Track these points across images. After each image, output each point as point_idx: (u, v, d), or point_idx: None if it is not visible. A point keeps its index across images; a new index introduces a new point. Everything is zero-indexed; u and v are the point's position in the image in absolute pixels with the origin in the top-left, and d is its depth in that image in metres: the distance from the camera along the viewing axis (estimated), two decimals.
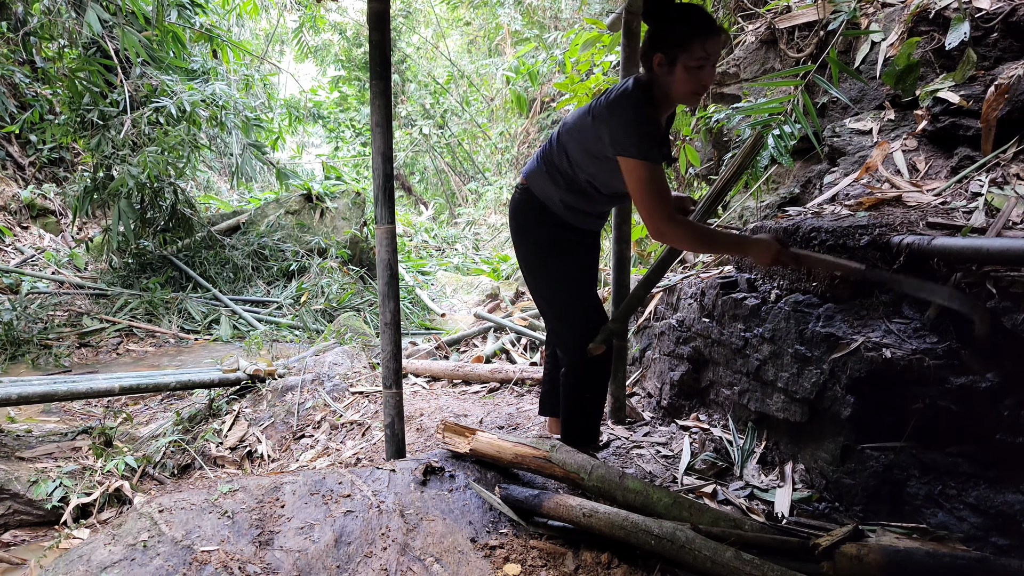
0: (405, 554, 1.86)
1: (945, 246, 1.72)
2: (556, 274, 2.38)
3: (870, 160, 2.64)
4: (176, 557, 1.72)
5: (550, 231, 2.35)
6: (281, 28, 13.95)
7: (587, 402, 2.50)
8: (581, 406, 2.51)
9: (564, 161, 2.24)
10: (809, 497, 2.08)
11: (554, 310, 2.45)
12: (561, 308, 2.42)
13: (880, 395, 1.83)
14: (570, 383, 2.48)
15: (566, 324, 2.43)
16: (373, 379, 3.88)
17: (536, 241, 2.39)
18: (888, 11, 3.01)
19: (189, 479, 3.32)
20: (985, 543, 1.64)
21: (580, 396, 2.49)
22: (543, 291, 2.44)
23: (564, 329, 2.45)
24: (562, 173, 2.26)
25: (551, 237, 2.35)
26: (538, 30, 10.75)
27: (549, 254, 2.38)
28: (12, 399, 3.35)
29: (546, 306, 2.47)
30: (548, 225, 2.34)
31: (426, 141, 14.47)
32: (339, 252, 8.06)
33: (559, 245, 2.36)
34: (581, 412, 2.52)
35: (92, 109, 6.48)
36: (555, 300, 2.42)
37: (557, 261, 2.37)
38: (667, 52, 1.95)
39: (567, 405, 2.52)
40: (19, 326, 5.54)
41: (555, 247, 2.36)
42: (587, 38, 4.02)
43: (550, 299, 2.44)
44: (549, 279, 2.40)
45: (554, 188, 2.28)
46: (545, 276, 2.41)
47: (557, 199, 2.29)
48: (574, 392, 2.48)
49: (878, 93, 2.98)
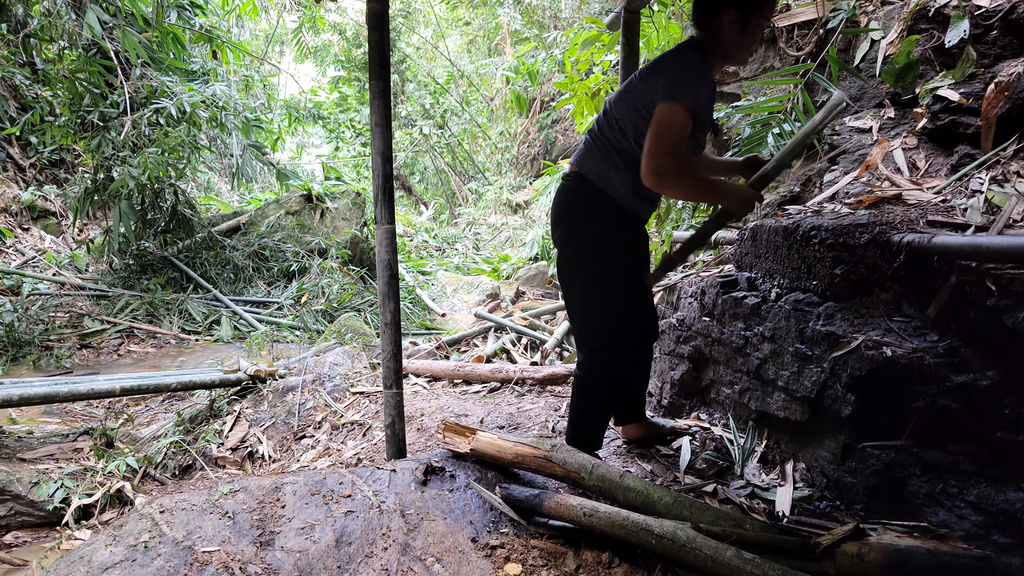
0: (406, 554, 1.86)
1: (945, 244, 1.72)
2: (599, 274, 2.28)
3: (870, 158, 2.64)
4: (177, 558, 1.72)
5: (603, 225, 2.24)
6: (281, 29, 13.95)
7: (592, 405, 2.42)
8: (586, 408, 2.43)
9: (619, 135, 2.17)
10: (810, 496, 2.08)
11: (587, 308, 2.34)
12: (594, 308, 2.32)
13: (881, 393, 1.83)
14: (580, 383, 2.41)
15: (593, 325, 2.34)
16: (374, 379, 3.88)
17: (585, 235, 2.27)
18: (887, 9, 3.01)
19: (190, 480, 3.32)
20: (986, 541, 1.64)
21: (587, 397, 2.41)
22: (578, 289, 2.34)
23: (590, 329, 2.35)
24: (619, 150, 2.18)
25: (603, 233, 2.25)
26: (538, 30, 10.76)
27: (596, 252, 2.27)
28: (13, 400, 3.36)
29: (579, 303, 2.37)
30: (602, 218, 2.23)
31: (426, 141, 14.47)
32: (339, 252, 8.06)
33: (610, 242, 2.25)
34: (583, 414, 2.44)
35: (92, 110, 6.48)
36: (590, 300, 2.32)
37: (602, 261, 2.27)
38: (742, 10, 1.98)
39: (573, 404, 2.47)
40: (20, 327, 5.54)
41: (605, 245, 2.25)
42: (586, 37, 4.01)
43: (585, 298, 2.33)
44: (591, 280, 2.30)
45: (613, 169, 2.19)
46: (587, 276, 2.30)
47: (617, 181, 2.19)
48: (579, 392, 2.43)
49: (878, 91, 2.98)
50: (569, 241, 2.33)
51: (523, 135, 12.82)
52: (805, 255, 2.12)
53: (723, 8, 2.00)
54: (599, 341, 2.33)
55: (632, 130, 2.14)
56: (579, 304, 2.36)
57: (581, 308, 2.35)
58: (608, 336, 2.32)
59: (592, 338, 2.35)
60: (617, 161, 2.19)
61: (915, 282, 1.86)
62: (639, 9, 2.89)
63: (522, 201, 11.98)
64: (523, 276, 8.24)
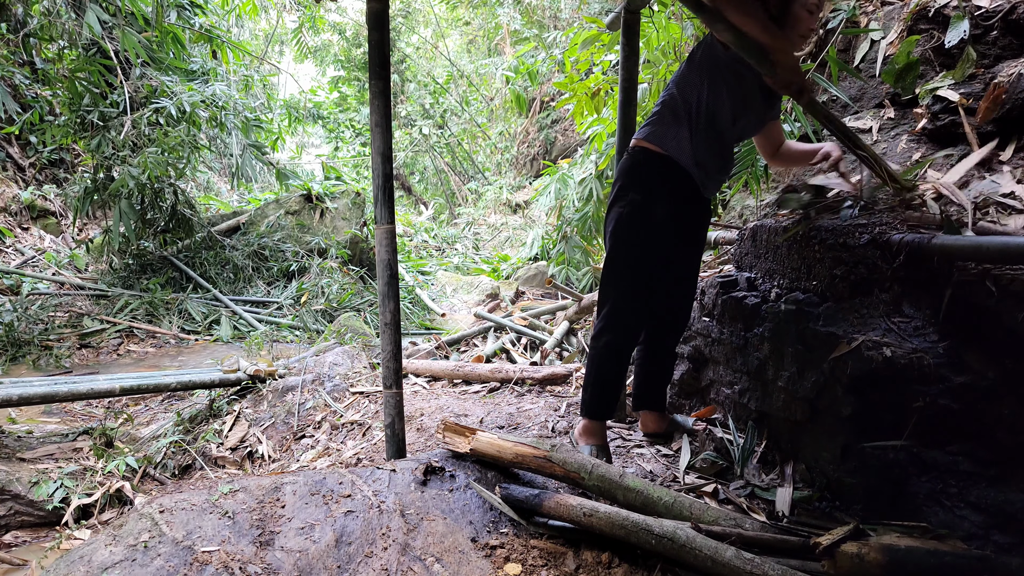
0: (406, 554, 1.86)
1: (945, 244, 1.72)
2: (625, 243, 2.33)
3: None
4: (177, 557, 1.72)
5: (666, 201, 2.28)
6: (280, 28, 13.95)
7: (598, 378, 2.48)
8: (591, 375, 2.49)
9: (686, 101, 2.25)
10: (810, 496, 2.08)
11: (606, 271, 2.40)
12: (611, 273, 2.39)
13: (881, 394, 1.83)
14: (590, 351, 2.50)
15: (608, 290, 2.40)
16: (373, 379, 3.88)
17: (627, 201, 2.32)
18: (887, 9, 3.01)
19: (190, 479, 3.32)
20: (986, 541, 1.64)
21: (591, 364, 2.49)
22: (607, 251, 2.40)
23: (606, 292, 2.41)
24: (689, 113, 2.24)
25: (647, 204, 2.29)
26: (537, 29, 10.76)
27: (631, 220, 2.31)
28: (13, 400, 3.35)
29: (604, 264, 2.43)
30: (667, 191, 2.28)
31: (426, 141, 14.48)
32: (339, 252, 8.06)
33: (649, 214, 2.29)
34: (588, 381, 2.50)
35: (92, 110, 6.48)
36: (611, 264, 2.38)
37: (632, 230, 2.31)
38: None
39: (586, 372, 2.53)
40: (20, 327, 5.54)
41: (642, 215, 2.29)
42: (586, 37, 4.01)
43: (607, 261, 2.39)
44: (616, 246, 2.36)
45: (686, 130, 2.25)
46: (614, 241, 2.36)
47: (688, 148, 2.25)
48: (588, 361, 2.51)
49: (878, 91, 2.98)
50: (612, 204, 2.39)
51: (523, 135, 12.82)
52: (805, 255, 2.12)
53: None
54: (610, 310, 2.38)
55: (697, 93, 2.23)
56: (603, 266, 2.43)
57: (603, 271, 2.42)
58: (618, 308, 2.36)
59: (604, 305, 2.41)
60: (687, 122, 2.26)
61: (915, 282, 1.86)
62: (639, 9, 2.89)
63: (522, 201, 11.99)
64: (523, 276, 8.24)
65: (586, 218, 5.95)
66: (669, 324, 2.59)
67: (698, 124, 2.26)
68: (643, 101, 4.21)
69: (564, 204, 6.78)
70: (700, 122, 2.26)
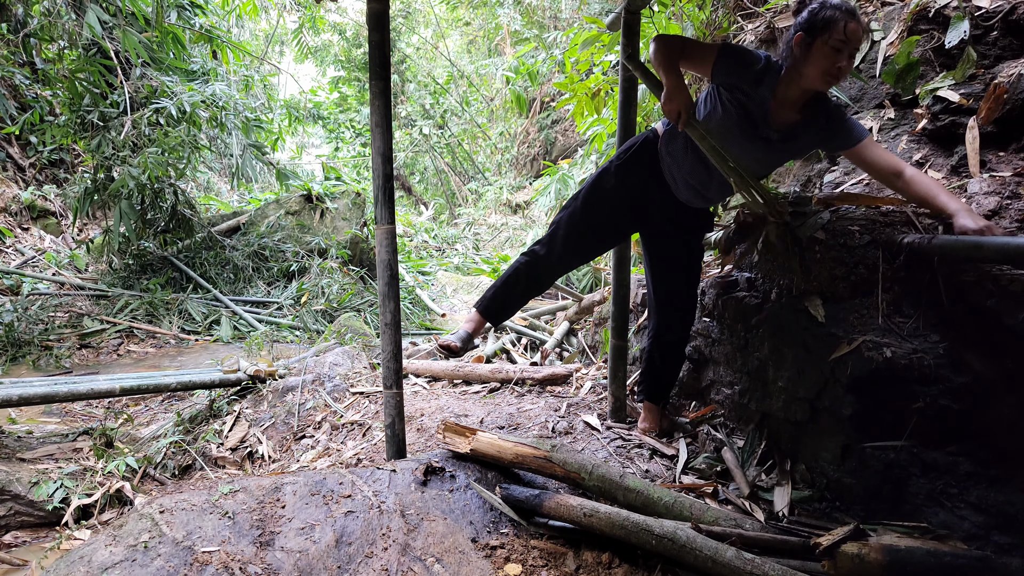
0: (406, 554, 1.86)
1: (945, 244, 1.72)
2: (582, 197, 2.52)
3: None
4: (177, 558, 1.72)
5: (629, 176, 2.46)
6: (281, 29, 13.95)
7: (505, 283, 2.64)
8: (502, 282, 2.66)
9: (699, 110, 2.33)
10: (810, 496, 2.08)
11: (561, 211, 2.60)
12: (560, 215, 2.58)
13: (881, 394, 1.83)
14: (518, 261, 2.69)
15: (553, 224, 2.60)
16: (373, 379, 3.88)
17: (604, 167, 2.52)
18: (888, 10, 3.01)
19: (190, 480, 3.32)
20: (986, 542, 1.64)
21: (508, 276, 2.65)
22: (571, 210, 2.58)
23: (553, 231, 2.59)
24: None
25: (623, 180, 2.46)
26: (537, 30, 10.76)
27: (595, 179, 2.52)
28: (13, 400, 3.35)
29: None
30: (634, 169, 2.45)
31: (426, 141, 14.48)
32: (339, 252, 8.06)
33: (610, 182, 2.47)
34: (498, 286, 2.66)
35: (92, 110, 6.48)
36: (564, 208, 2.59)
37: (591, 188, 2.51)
38: (807, 31, 2.02)
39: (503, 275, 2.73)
40: (20, 327, 5.54)
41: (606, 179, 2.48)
42: (586, 37, 4.02)
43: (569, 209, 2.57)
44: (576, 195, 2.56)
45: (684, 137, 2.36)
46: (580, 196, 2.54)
47: (678, 154, 2.38)
48: (508, 267, 2.69)
49: (878, 92, 2.98)
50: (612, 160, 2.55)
51: (523, 135, 12.82)
52: (805, 256, 2.12)
53: (794, 31, 2.07)
54: (548, 233, 2.58)
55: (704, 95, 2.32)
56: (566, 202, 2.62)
57: (559, 214, 2.60)
58: (552, 233, 2.55)
59: (545, 238, 2.60)
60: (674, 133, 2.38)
61: (915, 283, 1.85)
62: (639, 10, 2.89)
63: (522, 201, 11.99)
64: None
65: None
66: (671, 316, 2.62)
67: (692, 147, 2.30)
68: (643, 101, 4.22)
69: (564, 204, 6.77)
70: (694, 146, 2.28)
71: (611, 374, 2.96)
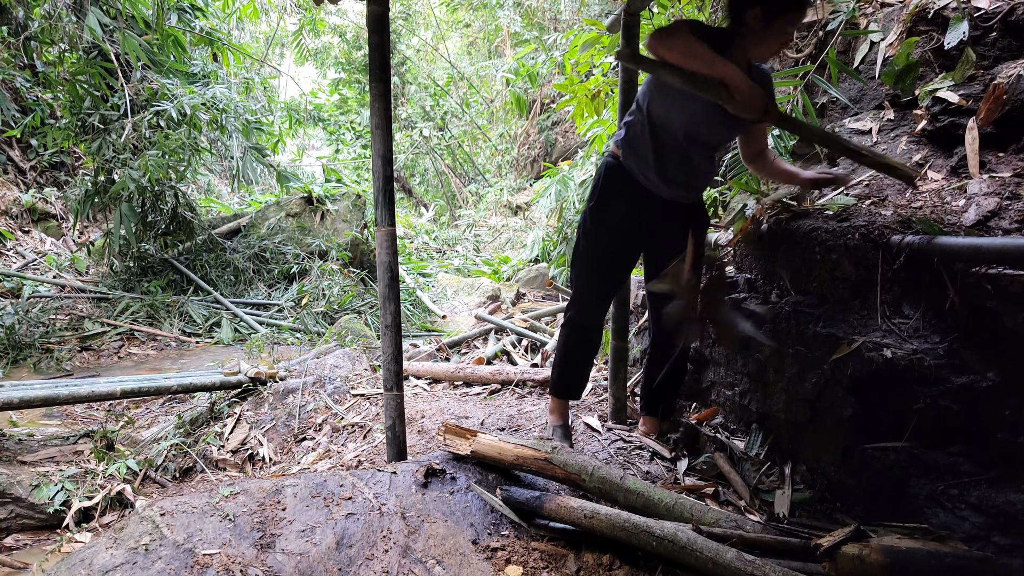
0: (406, 556, 1.86)
1: (945, 245, 1.72)
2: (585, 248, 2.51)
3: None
4: (178, 560, 1.73)
5: (607, 203, 2.44)
6: (281, 31, 13.96)
7: (563, 358, 2.65)
8: (560, 358, 2.67)
9: (646, 112, 2.32)
10: (811, 497, 2.08)
11: (572, 273, 2.64)
12: (576, 276, 2.59)
13: (881, 395, 1.83)
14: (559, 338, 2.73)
15: (574, 290, 2.62)
16: (374, 381, 3.88)
17: (589, 210, 2.50)
18: (887, 11, 3.01)
19: (191, 482, 3.32)
20: (987, 543, 1.64)
21: (561, 351, 2.66)
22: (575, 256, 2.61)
23: (573, 294, 2.63)
24: (647, 124, 2.32)
25: (604, 211, 2.45)
26: (537, 32, 10.76)
27: (590, 227, 2.49)
28: (14, 403, 3.36)
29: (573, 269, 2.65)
30: (618, 194, 2.43)
31: (426, 143, 14.48)
32: (340, 254, 8.07)
33: (605, 220, 2.45)
34: (558, 363, 2.67)
35: (93, 113, 6.49)
36: (574, 267, 2.60)
37: (589, 236, 2.50)
38: (766, 8, 2.02)
39: (555, 353, 2.73)
40: (21, 330, 5.54)
41: (600, 221, 2.46)
42: (586, 39, 4.02)
43: (572, 264, 2.63)
44: (579, 251, 2.55)
45: (644, 140, 2.34)
46: (580, 246, 2.55)
47: (646, 158, 2.35)
48: (559, 344, 2.69)
49: (877, 93, 2.98)
50: (586, 204, 2.55)
51: (523, 137, 12.83)
52: (805, 257, 2.12)
53: (750, 2, 2.05)
54: (574, 296, 2.59)
55: (644, 96, 2.32)
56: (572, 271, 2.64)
57: (571, 262, 2.63)
58: (580, 293, 2.55)
59: (572, 291, 2.62)
60: (641, 129, 2.34)
61: (915, 284, 1.86)
62: (639, 11, 2.89)
63: (522, 203, 11.99)
64: (523, 278, 8.24)
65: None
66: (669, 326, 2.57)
67: (655, 136, 2.31)
68: None
69: (565, 206, 6.79)
70: (656, 134, 2.30)
71: (611, 375, 2.96)
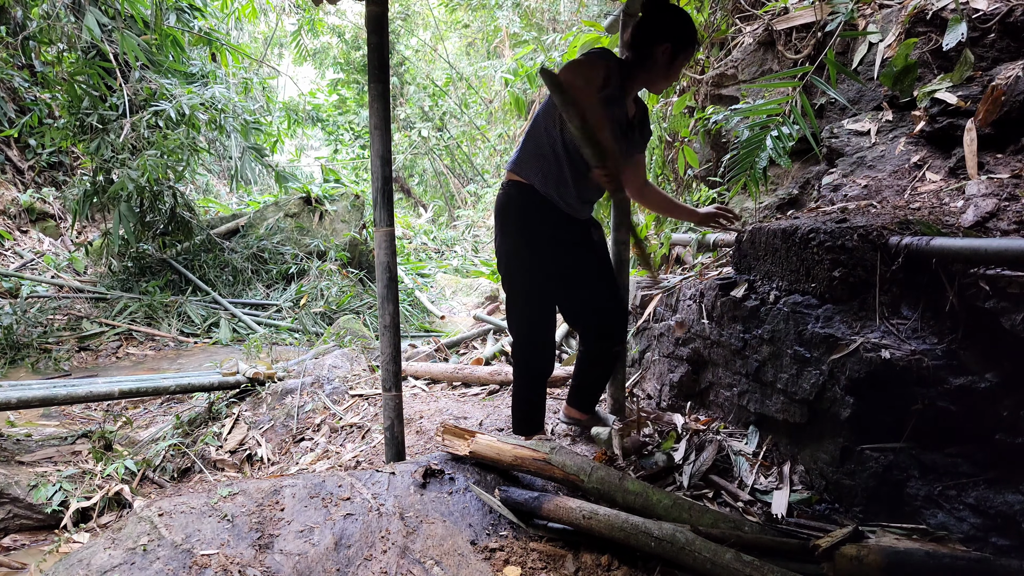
0: (405, 557, 1.86)
1: (944, 246, 1.72)
2: (520, 276, 2.49)
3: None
4: (176, 561, 1.72)
5: (532, 228, 2.42)
6: (280, 31, 13.95)
7: (524, 403, 2.65)
8: (514, 396, 2.68)
9: (549, 134, 2.35)
10: (809, 498, 2.08)
11: (507, 304, 2.62)
12: (511, 307, 2.59)
13: (879, 396, 1.83)
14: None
15: (511, 321, 2.62)
16: (372, 382, 3.88)
17: (512, 238, 2.48)
18: (885, 12, 3.02)
19: (189, 482, 3.32)
20: (985, 544, 1.64)
21: (521, 397, 2.66)
22: (505, 287, 2.58)
23: (510, 324, 2.63)
24: (551, 146, 2.35)
25: (529, 235, 2.43)
26: (536, 32, 10.76)
27: (519, 253, 2.47)
28: (12, 403, 3.35)
29: (506, 299, 2.64)
30: (540, 219, 2.40)
31: (425, 143, 14.47)
32: (338, 255, 8.06)
33: (533, 245, 2.43)
34: (514, 401, 2.69)
35: (91, 113, 6.48)
36: (509, 298, 2.58)
37: (522, 263, 2.47)
38: (675, 45, 2.23)
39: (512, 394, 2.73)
40: (19, 330, 5.54)
41: (528, 247, 2.44)
42: (585, 40, 4.02)
43: (507, 295, 2.59)
44: (512, 279, 2.53)
45: (549, 162, 2.36)
46: (510, 275, 2.52)
47: (553, 178, 2.36)
48: (513, 387, 2.69)
49: (876, 94, 2.99)
50: (498, 239, 2.53)
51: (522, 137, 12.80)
52: (804, 257, 2.12)
53: (661, 39, 2.23)
54: (515, 337, 2.60)
55: (545, 117, 2.34)
56: (506, 300, 2.62)
57: (506, 304, 2.62)
58: (522, 340, 2.56)
59: (512, 335, 2.62)
60: (544, 150, 2.35)
61: (914, 284, 1.86)
62: (637, 12, 2.89)
63: None
64: None
65: None
66: (601, 326, 2.62)
67: (558, 156, 2.34)
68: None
69: None
70: (560, 154, 2.34)
71: None
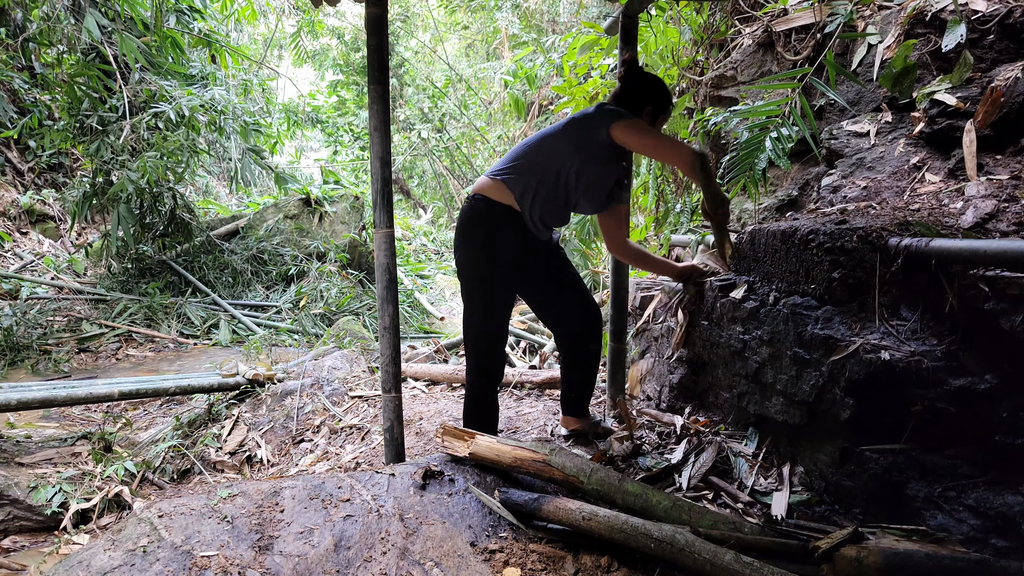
0: (405, 558, 1.86)
1: (943, 248, 1.72)
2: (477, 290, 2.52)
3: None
4: (176, 562, 1.72)
5: (509, 243, 2.47)
6: (279, 33, 13.95)
7: (477, 412, 2.65)
8: (473, 412, 2.66)
9: (547, 167, 2.43)
10: (808, 499, 2.08)
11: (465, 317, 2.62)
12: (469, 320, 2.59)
13: (879, 397, 1.84)
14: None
15: (468, 334, 2.62)
16: (372, 383, 3.88)
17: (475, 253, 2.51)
18: (885, 13, 3.02)
19: (189, 484, 3.32)
20: (984, 545, 1.64)
21: (475, 405, 2.65)
22: (464, 301, 2.60)
23: (466, 337, 2.63)
24: (545, 176, 2.44)
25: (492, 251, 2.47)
26: (536, 34, 10.77)
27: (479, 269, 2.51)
28: (12, 404, 3.35)
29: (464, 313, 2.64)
30: (510, 232, 2.46)
31: (424, 145, 14.47)
32: (338, 256, 8.06)
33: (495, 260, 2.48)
34: (465, 412, 2.68)
35: (91, 114, 6.48)
36: (467, 311, 2.59)
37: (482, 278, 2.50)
38: (656, 107, 2.53)
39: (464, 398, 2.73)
40: (18, 331, 5.53)
41: (489, 262, 2.48)
42: (584, 41, 4.03)
43: (465, 309, 2.61)
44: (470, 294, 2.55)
45: (535, 189, 2.44)
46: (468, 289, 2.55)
47: (530, 202, 2.44)
48: (466, 392, 2.69)
49: (875, 95, 2.99)
50: (461, 248, 2.54)
51: (521, 139, 12.83)
52: (803, 259, 2.12)
53: (646, 103, 2.52)
54: (472, 345, 2.59)
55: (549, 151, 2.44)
56: (464, 307, 2.63)
57: (464, 311, 2.62)
58: (477, 345, 2.57)
59: (466, 342, 2.63)
60: (533, 177, 2.43)
61: (913, 286, 1.86)
62: (637, 13, 2.90)
63: None
64: None
65: (584, 222, 5.96)
66: (572, 334, 2.70)
67: (548, 187, 2.44)
68: None
69: None
70: (551, 186, 2.44)
71: (609, 377, 2.97)
